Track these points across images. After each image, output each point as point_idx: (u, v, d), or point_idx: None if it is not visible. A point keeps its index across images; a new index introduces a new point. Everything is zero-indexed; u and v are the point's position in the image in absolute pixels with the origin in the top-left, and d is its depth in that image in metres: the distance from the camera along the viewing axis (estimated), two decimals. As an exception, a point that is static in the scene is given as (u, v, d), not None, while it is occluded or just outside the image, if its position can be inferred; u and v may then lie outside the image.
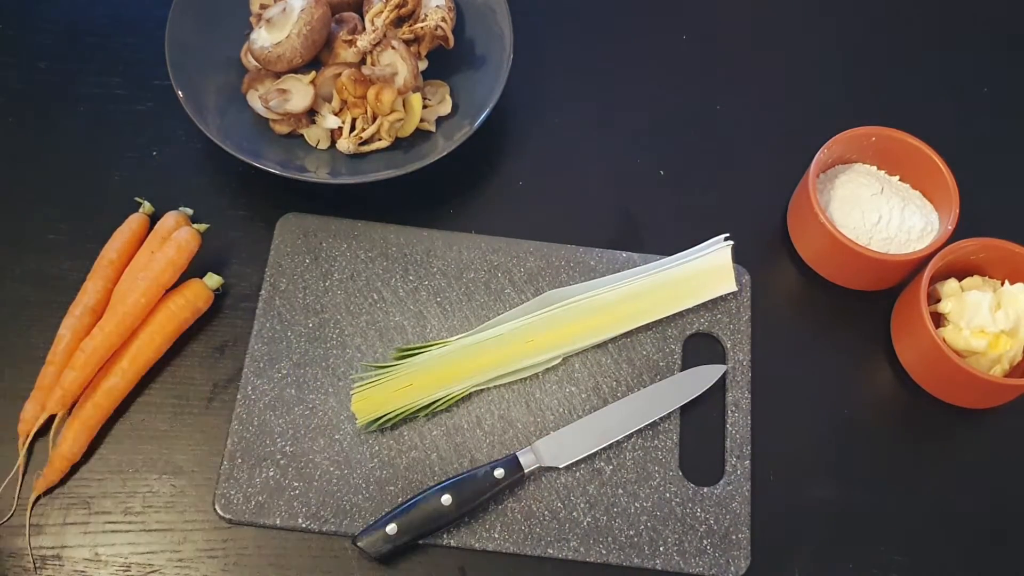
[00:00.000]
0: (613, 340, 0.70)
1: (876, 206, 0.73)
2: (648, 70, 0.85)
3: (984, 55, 0.87)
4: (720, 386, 0.69)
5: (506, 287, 0.72)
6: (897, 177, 0.75)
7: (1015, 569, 0.66)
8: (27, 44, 0.82)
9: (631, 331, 0.70)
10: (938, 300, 0.70)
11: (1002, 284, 0.69)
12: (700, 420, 0.68)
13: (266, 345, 0.69)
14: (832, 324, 0.74)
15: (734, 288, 0.71)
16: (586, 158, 0.80)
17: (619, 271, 0.73)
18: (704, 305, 0.72)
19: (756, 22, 0.88)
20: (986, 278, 0.71)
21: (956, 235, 0.69)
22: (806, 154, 0.73)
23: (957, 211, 0.70)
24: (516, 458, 0.64)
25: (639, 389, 0.68)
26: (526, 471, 0.64)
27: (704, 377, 0.68)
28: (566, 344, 0.69)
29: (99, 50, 0.82)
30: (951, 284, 0.70)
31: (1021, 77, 0.86)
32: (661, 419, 0.67)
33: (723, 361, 0.70)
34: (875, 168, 0.76)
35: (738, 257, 0.74)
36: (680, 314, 0.71)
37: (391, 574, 0.63)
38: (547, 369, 0.69)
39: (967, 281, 0.71)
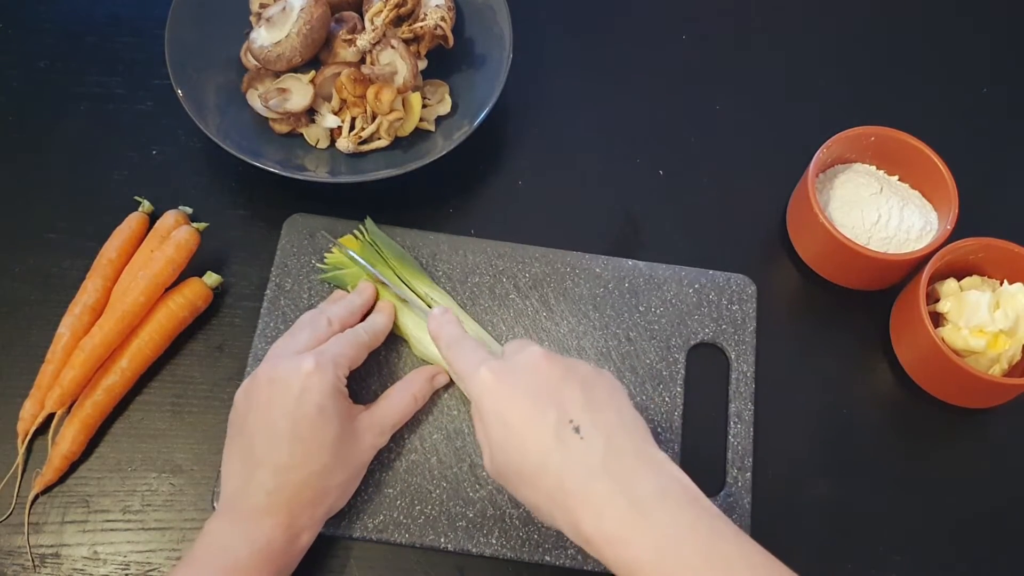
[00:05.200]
0: (616, 349, 0.70)
1: (875, 206, 0.73)
2: (648, 70, 0.85)
3: (984, 55, 0.87)
4: (724, 397, 0.69)
5: (511, 292, 0.72)
6: (896, 177, 0.75)
7: (1015, 569, 0.66)
8: (27, 44, 0.82)
9: (634, 340, 0.70)
10: (937, 300, 0.70)
11: (1001, 284, 0.69)
12: (702, 431, 0.68)
13: (269, 344, 0.68)
14: (831, 324, 0.74)
15: None
16: (585, 158, 0.80)
17: (624, 278, 0.72)
18: (709, 315, 0.71)
19: (755, 22, 0.88)
20: (985, 278, 0.71)
21: (955, 235, 0.69)
22: (805, 154, 0.73)
23: (956, 211, 0.70)
24: None
25: (641, 398, 0.68)
26: None
27: None
28: None
29: (99, 50, 0.82)
30: (950, 284, 0.70)
31: (1021, 77, 0.86)
32: (663, 429, 0.67)
33: (727, 372, 0.69)
34: (874, 168, 0.76)
35: (738, 259, 0.74)
36: (685, 324, 0.71)
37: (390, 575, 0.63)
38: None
39: (966, 281, 0.70)
